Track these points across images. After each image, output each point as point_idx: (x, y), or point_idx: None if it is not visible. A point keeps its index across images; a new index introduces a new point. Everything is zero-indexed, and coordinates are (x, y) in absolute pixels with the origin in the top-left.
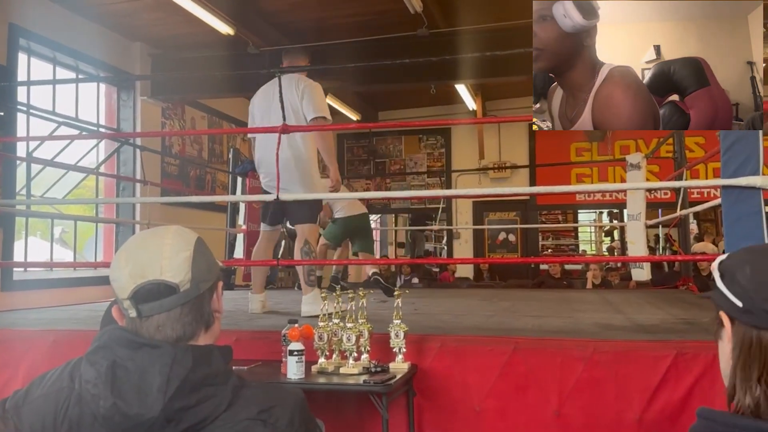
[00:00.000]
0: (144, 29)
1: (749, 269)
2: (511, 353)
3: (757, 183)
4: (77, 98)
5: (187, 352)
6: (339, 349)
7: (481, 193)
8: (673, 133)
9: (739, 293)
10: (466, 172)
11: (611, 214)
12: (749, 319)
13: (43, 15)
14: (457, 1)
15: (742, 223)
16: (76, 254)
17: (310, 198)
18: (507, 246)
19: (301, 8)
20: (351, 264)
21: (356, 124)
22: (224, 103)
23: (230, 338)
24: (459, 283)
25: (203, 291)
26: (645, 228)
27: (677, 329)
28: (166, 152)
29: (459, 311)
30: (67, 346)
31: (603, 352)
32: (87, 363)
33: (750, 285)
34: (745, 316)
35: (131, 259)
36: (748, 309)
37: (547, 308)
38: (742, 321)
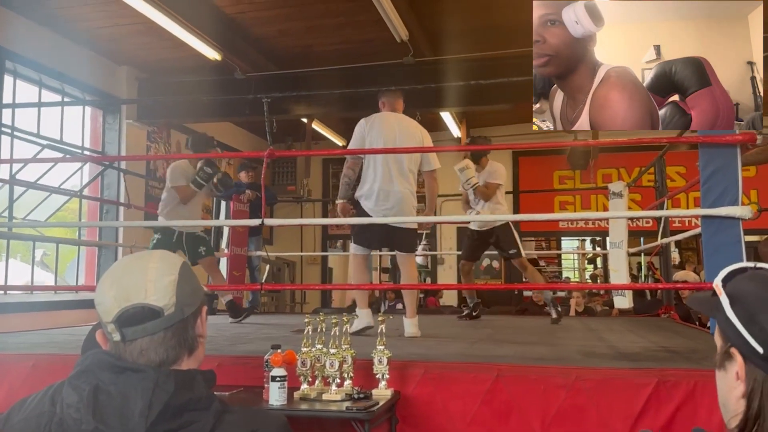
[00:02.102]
0: (131, 53)
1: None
2: (494, 380)
3: (737, 213)
4: (62, 121)
5: (169, 376)
6: (322, 375)
7: (465, 219)
8: (654, 162)
9: (761, 339)
10: (450, 197)
11: (594, 242)
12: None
13: (30, 38)
14: (442, 31)
15: (722, 252)
16: (57, 277)
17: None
18: (491, 272)
19: (288, 35)
20: (336, 289)
21: (342, 150)
22: (210, 127)
23: (212, 363)
24: (442, 310)
25: (187, 315)
26: (627, 256)
27: (659, 357)
28: (150, 176)
29: (443, 337)
30: (47, 370)
31: (585, 380)
32: (69, 387)
33: None
34: (764, 363)
35: (116, 283)
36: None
37: (531, 335)
38: (760, 367)
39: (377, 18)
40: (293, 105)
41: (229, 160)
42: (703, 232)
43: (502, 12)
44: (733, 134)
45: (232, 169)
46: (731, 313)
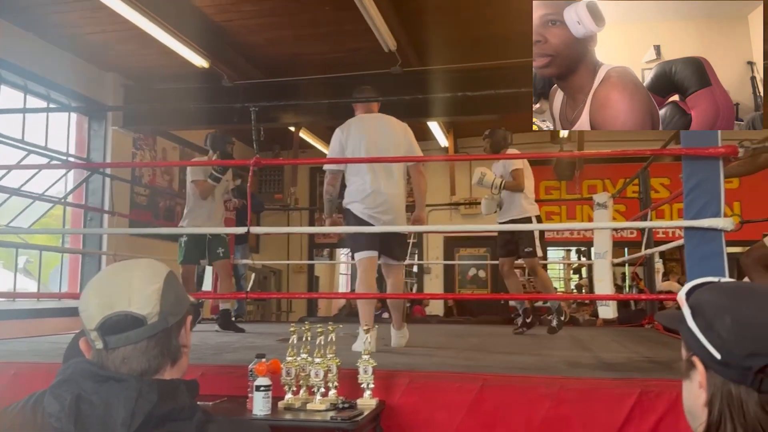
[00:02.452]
0: (118, 60)
1: (730, 319)
2: (479, 390)
3: (719, 225)
4: (47, 127)
5: (152, 386)
6: (306, 385)
7: (452, 229)
8: (638, 174)
9: (718, 344)
10: (437, 207)
11: (579, 252)
12: (726, 373)
13: (16, 43)
14: (430, 42)
15: (704, 263)
16: (40, 285)
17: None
18: (477, 282)
19: (276, 44)
20: (320, 297)
21: (330, 159)
22: (196, 134)
23: (196, 373)
24: (429, 319)
25: (171, 324)
26: (611, 266)
27: (642, 367)
28: (136, 182)
29: (428, 347)
30: (29, 378)
31: (570, 390)
32: (51, 396)
33: (730, 337)
34: (721, 369)
35: (100, 290)
36: (727, 362)
37: (516, 345)
38: (719, 374)
39: (365, 27)
40: (281, 113)
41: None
42: (686, 244)
43: (489, 24)
44: (716, 147)
45: None
46: (692, 323)
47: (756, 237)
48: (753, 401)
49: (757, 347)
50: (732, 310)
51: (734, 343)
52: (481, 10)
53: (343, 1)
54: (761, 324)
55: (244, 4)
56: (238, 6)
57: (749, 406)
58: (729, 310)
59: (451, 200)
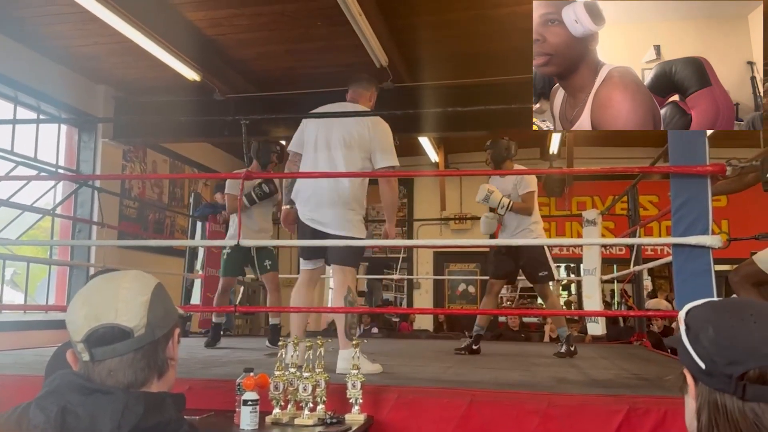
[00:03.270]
0: (109, 72)
1: (712, 329)
2: (468, 406)
3: (707, 242)
4: (37, 138)
5: (139, 399)
6: (294, 400)
7: (442, 244)
8: (627, 191)
9: (702, 355)
10: (427, 222)
11: (568, 268)
12: (711, 382)
13: (6, 54)
14: (421, 57)
15: (692, 281)
16: (27, 297)
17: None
18: (467, 297)
19: (268, 58)
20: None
21: (320, 173)
22: (187, 147)
23: (183, 386)
24: (419, 334)
25: (158, 337)
26: (600, 283)
27: (630, 384)
28: (125, 195)
29: (417, 362)
30: (14, 391)
31: (558, 406)
32: (36, 408)
33: (712, 347)
34: (707, 379)
35: (87, 302)
36: (711, 372)
37: (505, 361)
38: (705, 383)
39: (357, 43)
40: (272, 127)
41: (206, 181)
42: (674, 261)
43: (480, 40)
44: (704, 165)
45: (209, 190)
46: (685, 338)
47: (744, 255)
48: (738, 409)
49: (737, 355)
50: (714, 322)
51: (716, 353)
52: (473, 27)
53: (335, 17)
54: (740, 333)
55: (237, 19)
56: (230, 20)
57: (734, 414)
58: (712, 322)
59: (441, 215)
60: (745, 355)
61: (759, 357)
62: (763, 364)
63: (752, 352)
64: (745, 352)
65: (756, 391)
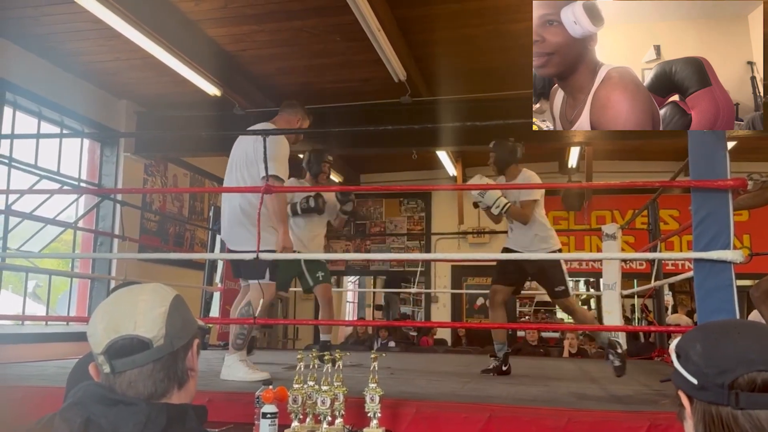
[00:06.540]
0: (130, 87)
1: (700, 346)
2: (486, 421)
3: (728, 257)
4: (60, 152)
5: (161, 410)
6: (313, 413)
7: (459, 257)
8: (647, 205)
9: (693, 371)
10: (445, 236)
11: (588, 283)
12: (705, 395)
13: (31, 70)
14: (439, 72)
15: (713, 296)
16: (48, 309)
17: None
18: (485, 311)
19: (287, 73)
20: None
21: (338, 187)
22: (207, 161)
23: (203, 399)
24: (436, 348)
25: (177, 348)
26: (620, 298)
27: (651, 400)
28: (146, 208)
29: (435, 376)
30: (37, 403)
31: (578, 422)
32: (60, 419)
33: (702, 361)
34: (701, 393)
35: (107, 314)
36: (703, 385)
37: (524, 376)
38: (700, 398)
39: (376, 58)
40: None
41: None
42: (696, 275)
43: (496, 55)
44: (725, 180)
45: None
46: (677, 363)
47: (765, 270)
48: (733, 418)
49: (725, 363)
50: (701, 339)
51: (705, 365)
52: (490, 43)
53: (353, 33)
54: (726, 344)
55: (257, 35)
56: (251, 36)
57: (731, 424)
58: (699, 339)
59: (459, 229)
60: (734, 362)
61: (747, 363)
62: (751, 370)
63: (740, 359)
64: (733, 359)
65: (749, 399)
